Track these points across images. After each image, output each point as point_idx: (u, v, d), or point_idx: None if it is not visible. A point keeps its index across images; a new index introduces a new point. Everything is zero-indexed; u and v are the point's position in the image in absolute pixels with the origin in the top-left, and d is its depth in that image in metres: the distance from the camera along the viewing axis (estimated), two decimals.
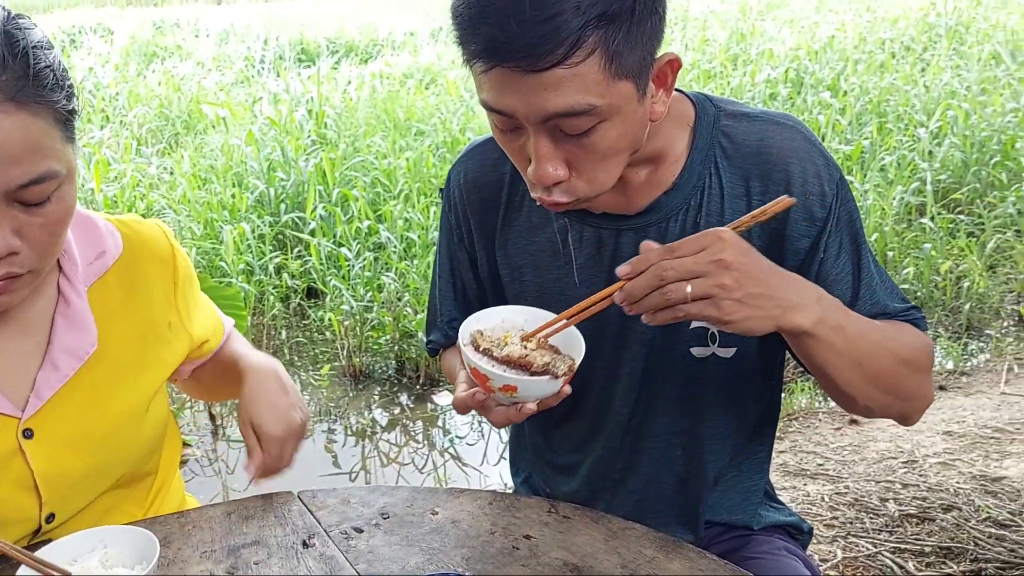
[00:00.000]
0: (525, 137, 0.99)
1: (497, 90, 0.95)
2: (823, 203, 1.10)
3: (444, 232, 1.32)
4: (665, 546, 1.05)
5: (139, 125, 6.63)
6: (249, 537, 1.12)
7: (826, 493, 2.69)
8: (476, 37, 0.93)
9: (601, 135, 0.97)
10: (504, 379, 0.99)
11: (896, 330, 1.10)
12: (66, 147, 0.99)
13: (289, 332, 4.20)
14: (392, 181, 4.90)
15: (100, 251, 1.17)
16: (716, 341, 1.15)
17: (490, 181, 1.24)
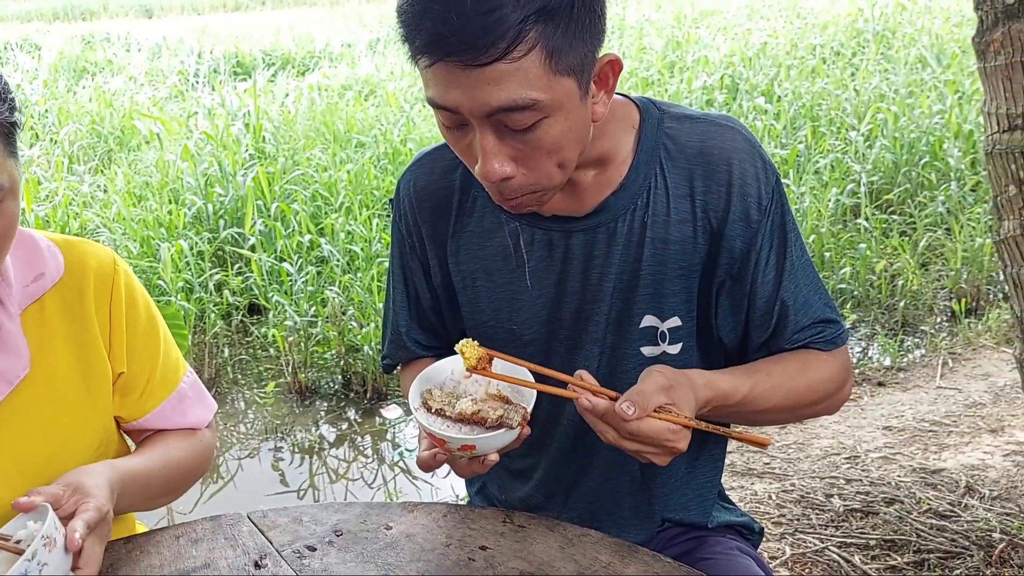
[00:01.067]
0: (472, 135, 1.00)
1: (442, 86, 0.96)
2: (759, 206, 1.13)
3: (396, 243, 1.31)
4: (620, 551, 1.06)
5: (70, 142, 6.46)
6: (199, 560, 1.09)
7: (773, 491, 2.74)
8: (420, 32, 0.94)
9: (545, 131, 0.98)
10: (461, 440, 1.00)
11: (801, 374, 1.15)
12: (8, 161, 0.97)
13: (232, 350, 4.13)
14: (333, 194, 4.86)
15: (39, 273, 1.14)
16: (666, 339, 1.18)
17: (439, 188, 1.24)
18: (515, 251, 1.20)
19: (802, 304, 1.16)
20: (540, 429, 1.27)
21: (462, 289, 1.24)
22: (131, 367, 1.21)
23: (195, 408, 1.29)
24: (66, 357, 1.15)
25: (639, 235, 1.14)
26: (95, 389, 1.17)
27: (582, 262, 1.17)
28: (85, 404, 1.16)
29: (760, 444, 1.00)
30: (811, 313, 1.17)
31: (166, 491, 1.23)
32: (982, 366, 3.68)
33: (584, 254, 1.17)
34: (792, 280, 1.16)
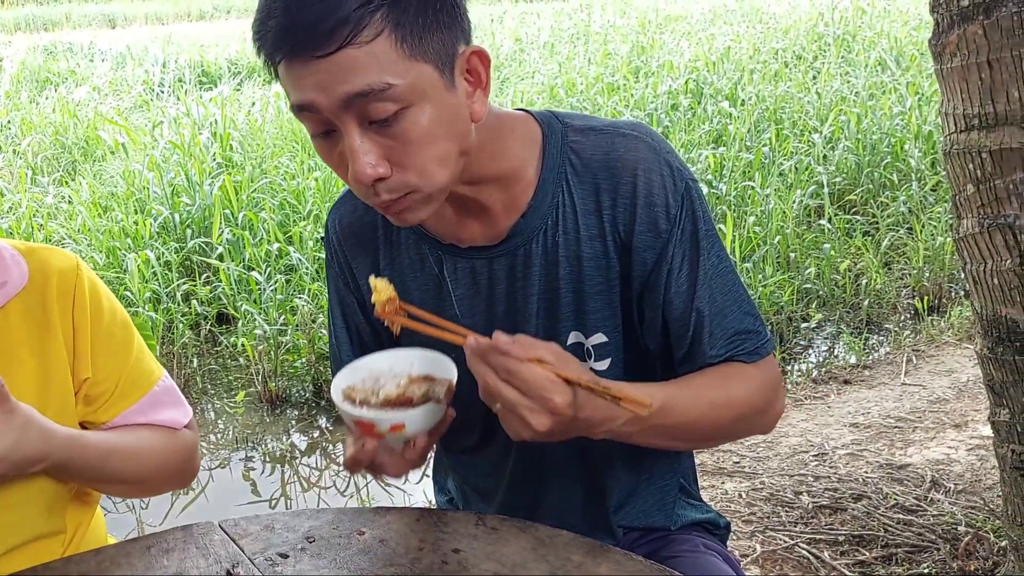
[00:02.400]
0: (341, 142, 0.97)
1: (297, 83, 0.94)
2: (668, 215, 1.10)
3: (331, 279, 1.30)
4: (592, 551, 1.07)
5: (33, 154, 6.38)
6: (170, 570, 1.09)
7: (743, 490, 2.77)
8: (268, 32, 0.94)
9: (412, 122, 0.95)
10: (390, 419, 0.99)
11: (721, 387, 1.12)
12: None
13: (201, 359, 4.09)
14: (301, 202, 4.84)
15: (2, 281, 1.13)
16: (592, 356, 1.17)
17: (365, 224, 1.22)
18: (442, 281, 1.20)
19: (717, 313, 1.13)
20: (499, 451, 1.28)
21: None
22: (96, 373, 1.20)
23: (167, 412, 1.28)
24: (29, 365, 1.14)
25: (553, 254, 1.13)
26: (56, 398, 1.17)
27: (506, 286, 1.17)
28: (46, 412, 1.15)
29: (640, 405, 0.96)
30: (727, 323, 1.13)
31: (135, 476, 1.21)
32: (945, 362, 3.75)
33: (508, 278, 1.16)
34: (707, 289, 1.13)
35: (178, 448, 1.27)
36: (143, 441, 1.22)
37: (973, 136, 1.88)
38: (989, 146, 1.83)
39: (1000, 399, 1.93)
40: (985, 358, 1.94)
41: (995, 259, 1.86)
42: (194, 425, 1.33)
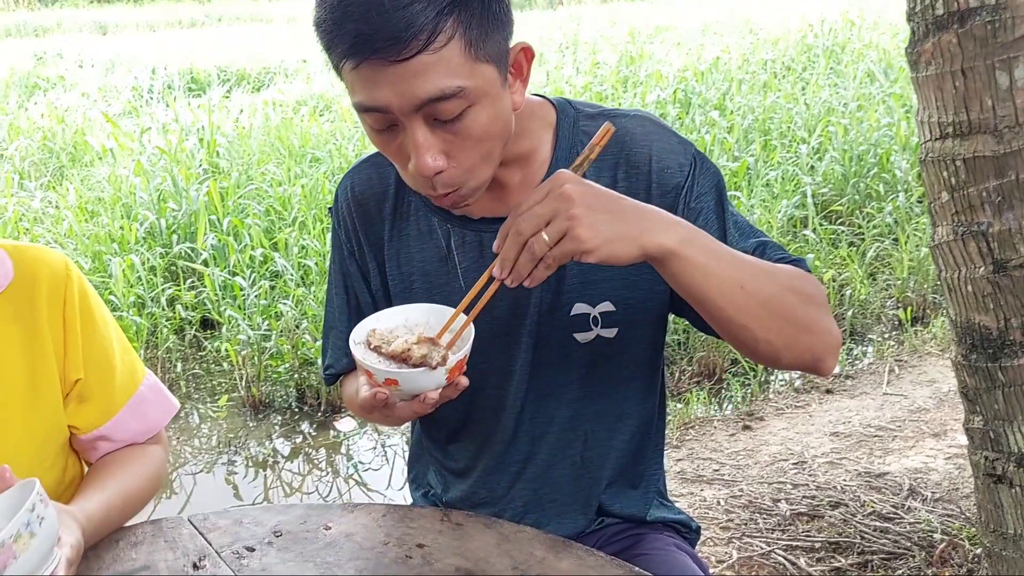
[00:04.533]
0: (402, 135, 1.02)
1: (370, 87, 0.98)
2: (681, 171, 1.17)
3: (335, 249, 1.33)
4: (555, 546, 1.08)
5: (21, 158, 6.36)
6: (138, 563, 1.09)
7: (722, 497, 2.78)
8: (343, 36, 0.97)
9: (473, 119, 1.01)
10: (385, 373, 1.01)
11: (775, 265, 1.10)
12: None
13: (185, 364, 4.08)
14: (287, 208, 4.84)
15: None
16: (599, 324, 1.20)
17: (376, 193, 1.26)
18: (448, 253, 1.23)
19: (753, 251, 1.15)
20: (485, 425, 1.30)
21: (400, 292, 1.26)
22: (88, 373, 1.20)
23: (154, 412, 1.29)
24: (14, 365, 1.14)
25: None
26: (43, 398, 1.16)
27: None
28: (33, 413, 1.15)
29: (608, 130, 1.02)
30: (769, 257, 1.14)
31: (121, 522, 1.20)
32: (927, 372, 3.77)
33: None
34: (736, 230, 1.17)
35: (153, 475, 1.27)
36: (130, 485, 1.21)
37: (948, 144, 1.90)
38: (963, 154, 1.85)
39: (974, 406, 1.95)
40: (959, 365, 1.95)
41: (969, 266, 1.87)
42: (164, 437, 1.34)
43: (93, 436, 1.23)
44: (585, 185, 0.96)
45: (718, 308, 1.02)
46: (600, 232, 0.94)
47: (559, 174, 0.97)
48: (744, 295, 1.02)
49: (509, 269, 0.97)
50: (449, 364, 1.01)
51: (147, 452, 1.28)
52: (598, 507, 1.32)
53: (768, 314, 1.04)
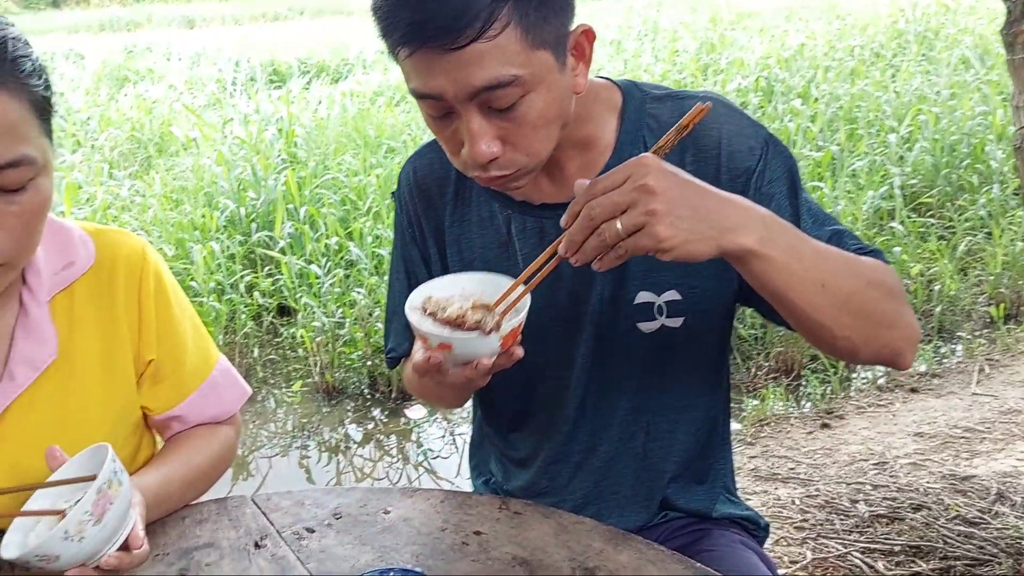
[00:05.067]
0: (457, 122, 1.01)
1: (424, 74, 0.97)
2: (752, 155, 1.12)
3: (397, 234, 1.33)
4: (614, 538, 1.05)
5: (111, 148, 6.59)
6: (202, 540, 1.11)
7: (797, 496, 2.70)
8: (398, 24, 0.96)
9: (529, 106, 0.99)
10: (439, 337, 0.99)
11: (856, 258, 1.05)
12: (42, 140, 0.99)
13: (262, 350, 4.18)
14: (362, 198, 4.90)
15: (69, 261, 1.16)
16: (664, 313, 1.17)
17: (438, 178, 1.25)
18: (508, 240, 1.21)
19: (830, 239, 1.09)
20: (546, 415, 1.28)
21: None
22: (161, 355, 1.22)
23: (227, 396, 1.30)
24: (92, 345, 1.16)
25: None
26: (117, 377, 1.19)
27: None
28: (108, 392, 1.18)
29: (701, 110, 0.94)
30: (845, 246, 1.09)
31: (184, 498, 1.21)
32: (1020, 372, 3.60)
33: None
34: (810, 216, 1.13)
35: (221, 455, 1.28)
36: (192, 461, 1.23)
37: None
38: None
39: None
40: None
41: None
42: (238, 419, 1.35)
43: (166, 416, 1.26)
44: (669, 176, 0.90)
45: (797, 307, 0.98)
46: (679, 231, 0.89)
47: (643, 160, 0.91)
48: (824, 294, 0.97)
49: (575, 250, 0.93)
50: (503, 331, 0.98)
51: (217, 433, 1.30)
52: (661, 501, 1.28)
53: (848, 312, 0.99)
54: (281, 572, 1.03)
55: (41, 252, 1.13)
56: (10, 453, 1.09)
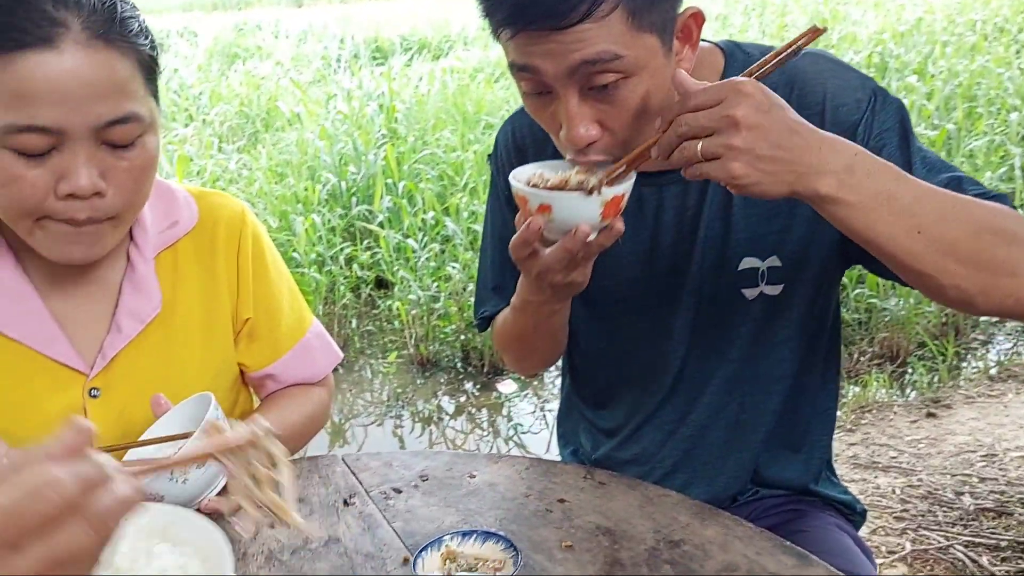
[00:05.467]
0: (556, 103, 1.00)
1: (525, 50, 0.96)
2: (858, 107, 1.08)
3: (492, 197, 1.33)
4: (701, 513, 1.04)
5: (220, 123, 6.82)
6: None
7: (898, 486, 2.60)
8: (501, 5, 0.95)
9: (630, 90, 0.96)
10: (539, 196, 0.97)
11: (971, 201, 0.97)
12: (148, 98, 1.03)
13: (359, 321, 4.27)
14: (459, 174, 4.93)
15: (173, 220, 1.21)
16: (765, 279, 1.14)
17: (537, 140, 1.24)
18: None
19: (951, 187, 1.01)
20: (640, 383, 1.26)
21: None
22: (257, 314, 1.26)
23: (320, 358, 1.34)
24: (193, 301, 1.21)
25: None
26: (216, 334, 1.24)
27: (675, 215, 1.16)
28: (207, 347, 1.23)
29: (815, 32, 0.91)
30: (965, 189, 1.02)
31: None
32: None
33: (676, 207, 1.15)
34: (925, 165, 1.06)
35: (314, 414, 1.32)
36: (288, 420, 1.26)
37: None
38: None
39: None
40: None
41: None
42: (331, 380, 1.38)
43: (261, 374, 1.30)
44: (761, 110, 0.86)
45: (889, 254, 0.93)
46: (753, 171, 0.87)
47: (740, 86, 0.87)
48: (922, 241, 0.92)
49: (666, 156, 0.92)
50: (604, 195, 0.95)
51: (311, 394, 1.33)
52: (754, 473, 1.26)
53: (955, 258, 0.93)
54: (368, 529, 1.05)
55: (148, 211, 1.18)
56: (117, 402, 1.14)
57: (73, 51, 0.93)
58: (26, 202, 0.98)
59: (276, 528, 1.06)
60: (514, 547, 0.92)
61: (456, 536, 0.95)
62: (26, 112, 0.93)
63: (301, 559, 1.00)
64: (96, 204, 1.00)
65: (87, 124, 0.96)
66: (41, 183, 0.97)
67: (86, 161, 0.97)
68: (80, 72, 0.94)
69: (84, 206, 0.99)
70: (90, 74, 0.94)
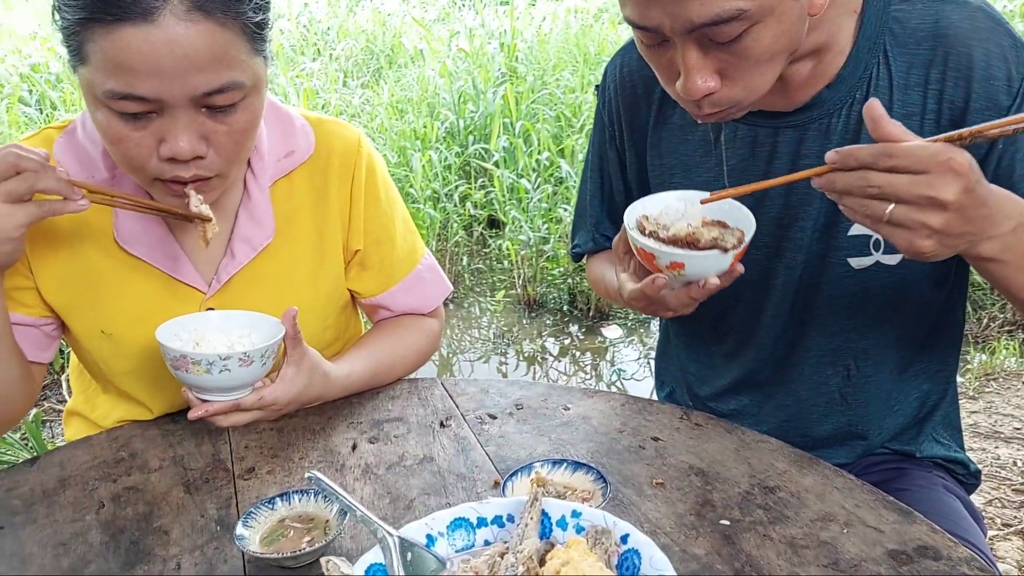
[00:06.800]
0: (672, 51, 0.94)
1: (642, 5, 0.91)
2: (1009, 89, 0.98)
3: (596, 131, 1.30)
4: (799, 461, 1.01)
5: (346, 58, 6.94)
6: (393, 413, 1.17)
7: (1020, 457, 2.47)
8: None
9: (754, 39, 0.90)
10: (671, 255, 0.96)
11: None
12: (253, 59, 1.02)
13: (470, 259, 4.32)
14: (576, 115, 4.88)
15: (290, 150, 1.23)
16: (880, 248, 1.08)
17: (647, 76, 1.20)
18: (715, 147, 1.14)
19: None
20: (736, 339, 1.23)
21: (658, 184, 1.20)
22: (367, 245, 1.28)
23: (430, 289, 1.36)
24: (306, 230, 1.24)
25: (855, 131, 1.04)
26: (327, 261, 1.26)
27: (789, 161, 1.09)
28: (318, 275, 1.26)
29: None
30: None
31: (386, 379, 1.28)
32: None
33: (792, 152, 1.09)
34: None
35: (423, 344, 1.34)
36: (399, 348, 1.29)
37: None
38: None
39: None
40: None
41: None
42: (441, 312, 1.40)
43: (373, 302, 1.33)
44: (965, 193, 0.80)
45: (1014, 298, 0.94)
46: (940, 247, 0.83)
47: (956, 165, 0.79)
48: None
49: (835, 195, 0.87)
50: (739, 248, 0.96)
51: (422, 324, 1.35)
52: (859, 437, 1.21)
53: None
54: (461, 451, 1.07)
55: (265, 139, 1.21)
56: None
57: (171, 24, 0.93)
58: (133, 160, 1.02)
59: (374, 444, 1.09)
60: (604, 479, 0.92)
61: (546, 464, 0.96)
62: (125, 81, 0.95)
63: (396, 475, 1.03)
64: (199, 164, 1.02)
65: (185, 94, 0.97)
66: (145, 144, 1.00)
67: (185, 127, 0.99)
68: (177, 45, 0.94)
69: (185, 167, 1.02)
70: (187, 47, 0.94)
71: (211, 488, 1.03)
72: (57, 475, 1.07)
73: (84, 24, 0.94)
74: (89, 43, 0.95)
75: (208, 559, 0.90)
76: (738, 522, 0.90)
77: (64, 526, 0.97)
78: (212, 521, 0.96)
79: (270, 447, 1.11)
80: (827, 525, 0.89)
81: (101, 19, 0.93)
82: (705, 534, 0.89)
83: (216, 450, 1.11)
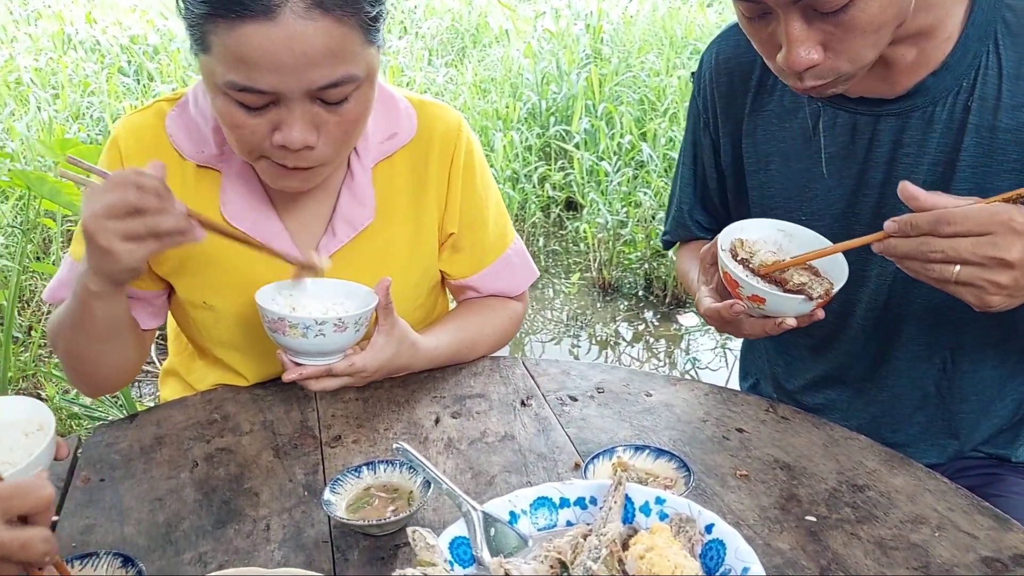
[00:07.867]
0: (775, 23, 0.92)
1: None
2: None
3: (691, 117, 1.28)
4: (890, 461, 0.98)
5: (432, 36, 6.98)
6: (475, 390, 1.19)
7: None
8: None
9: (861, 8, 0.88)
10: (754, 288, 0.97)
11: None
12: (367, 49, 1.04)
13: (546, 240, 4.32)
14: (660, 99, 4.82)
15: (393, 132, 1.24)
16: None
17: (743, 63, 1.18)
18: (814, 135, 1.11)
19: None
20: (826, 331, 1.20)
21: (753, 172, 1.18)
22: (461, 229, 1.30)
23: (518, 274, 1.37)
24: (405, 213, 1.26)
25: (961, 121, 1.01)
26: (422, 243, 1.28)
27: (889, 150, 1.06)
28: (414, 255, 1.28)
29: None
30: None
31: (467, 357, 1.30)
32: None
33: (892, 141, 1.06)
34: None
35: (506, 326, 1.35)
36: (484, 328, 1.31)
37: None
38: None
39: None
40: None
41: None
42: (526, 296, 1.41)
43: (462, 283, 1.35)
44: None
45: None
46: (1009, 300, 0.85)
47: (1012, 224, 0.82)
48: None
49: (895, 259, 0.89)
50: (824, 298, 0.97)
51: (507, 306, 1.37)
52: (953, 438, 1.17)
53: None
54: (542, 431, 1.08)
55: (370, 121, 1.22)
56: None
57: (291, 21, 0.95)
58: (247, 144, 1.05)
59: (456, 419, 1.11)
60: (687, 467, 0.92)
61: (629, 449, 0.96)
62: (245, 75, 0.98)
63: (478, 450, 1.04)
64: (305, 154, 1.05)
65: (301, 88, 0.99)
66: (260, 130, 1.03)
67: (300, 118, 1.01)
68: (295, 42, 0.96)
69: (294, 156, 1.05)
70: (304, 43, 0.96)
71: (299, 454, 1.06)
72: (154, 433, 1.12)
73: (208, 18, 0.97)
74: (212, 35, 0.98)
75: (296, 522, 0.93)
76: (825, 519, 0.89)
77: (160, 482, 1.01)
78: (300, 486, 0.99)
79: (356, 417, 1.13)
80: (918, 527, 0.87)
81: (224, 15, 0.96)
82: (790, 529, 0.88)
83: (304, 417, 1.14)
